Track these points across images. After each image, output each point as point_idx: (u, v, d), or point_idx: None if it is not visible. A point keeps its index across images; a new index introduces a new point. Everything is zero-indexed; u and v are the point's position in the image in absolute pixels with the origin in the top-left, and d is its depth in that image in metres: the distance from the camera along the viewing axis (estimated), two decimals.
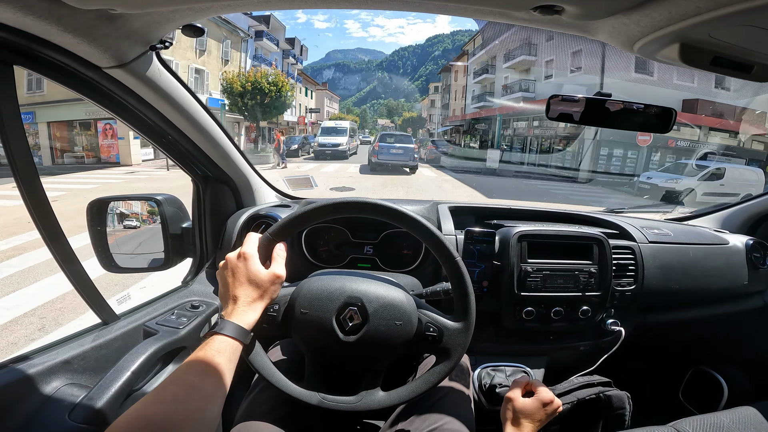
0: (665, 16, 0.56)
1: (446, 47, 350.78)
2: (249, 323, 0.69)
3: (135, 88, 0.89)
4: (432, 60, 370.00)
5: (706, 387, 1.63)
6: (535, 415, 0.83)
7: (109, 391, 0.84)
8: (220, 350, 0.63)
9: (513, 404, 0.84)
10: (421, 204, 1.43)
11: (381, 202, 0.80)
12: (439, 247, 0.79)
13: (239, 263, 0.73)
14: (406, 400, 0.80)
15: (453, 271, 0.79)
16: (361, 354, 0.78)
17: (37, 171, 0.80)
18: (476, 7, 0.65)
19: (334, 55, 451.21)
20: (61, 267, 0.89)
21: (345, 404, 0.78)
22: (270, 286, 0.73)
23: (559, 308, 1.21)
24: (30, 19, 0.60)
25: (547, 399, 0.84)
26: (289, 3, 0.65)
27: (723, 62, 0.65)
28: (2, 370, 0.79)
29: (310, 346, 0.80)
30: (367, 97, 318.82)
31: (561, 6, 0.60)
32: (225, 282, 0.73)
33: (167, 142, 1.11)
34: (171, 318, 1.12)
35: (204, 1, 0.65)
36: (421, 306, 0.83)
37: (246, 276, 0.72)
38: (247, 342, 0.69)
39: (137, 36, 0.76)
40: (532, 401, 0.84)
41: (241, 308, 0.70)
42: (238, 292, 0.71)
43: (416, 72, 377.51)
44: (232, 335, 0.65)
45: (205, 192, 1.32)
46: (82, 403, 0.81)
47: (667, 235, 1.43)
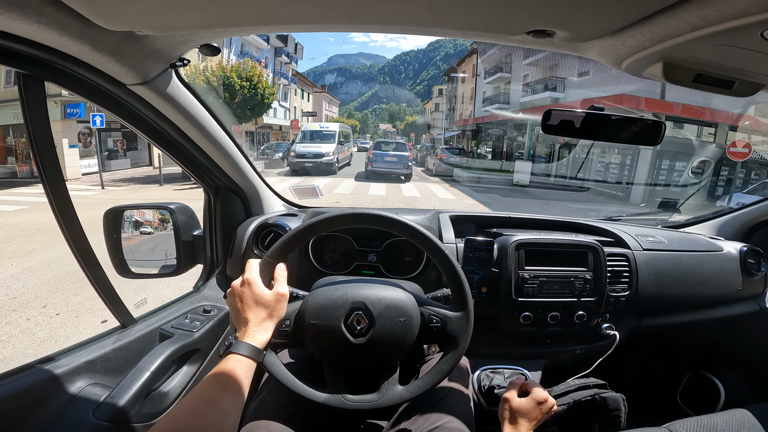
0: (648, 38, 0.61)
1: (448, 52, 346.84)
2: (261, 342, 0.75)
3: (155, 103, 0.95)
4: (433, 65, 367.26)
5: (703, 390, 1.66)
6: (530, 414, 0.87)
7: (130, 390, 0.89)
8: (235, 368, 0.69)
9: (509, 404, 0.88)
10: (423, 213, 1.48)
11: (380, 212, 0.85)
12: (428, 244, 0.85)
13: (244, 289, 0.78)
14: (424, 390, 0.84)
15: (444, 264, 0.85)
16: (374, 353, 0.83)
17: (64, 180, 0.85)
18: (473, 32, 0.71)
19: (336, 60, 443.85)
20: (84, 271, 0.94)
21: (368, 402, 0.82)
22: (276, 305, 0.79)
23: (556, 313, 1.25)
24: (65, 39, 0.66)
25: (542, 398, 0.88)
26: (303, 26, 0.70)
27: (705, 80, 0.70)
28: (30, 371, 0.84)
29: (325, 353, 0.84)
30: (369, 101, 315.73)
31: (553, 30, 0.65)
32: (234, 307, 0.79)
33: (182, 153, 1.16)
34: (185, 322, 1.16)
35: (222, 25, 0.71)
36: (422, 302, 0.88)
37: (252, 299, 0.77)
38: (261, 359, 0.75)
39: (159, 55, 0.82)
40: (528, 401, 0.88)
41: (252, 329, 0.75)
42: (248, 315, 0.76)
43: (418, 77, 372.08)
44: (246, 354, 0.71)
45: (216, 201, 1.37)
46: (105, 402, 0.86)
47: (661, 243, 1.47)
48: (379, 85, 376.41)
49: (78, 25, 0.63)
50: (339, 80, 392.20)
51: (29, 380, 0.82)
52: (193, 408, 0.62)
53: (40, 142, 0.80)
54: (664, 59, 0.66)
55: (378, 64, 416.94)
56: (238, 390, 0.67)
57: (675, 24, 0.55)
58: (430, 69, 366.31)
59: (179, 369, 1.07)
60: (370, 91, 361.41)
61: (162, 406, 0.98)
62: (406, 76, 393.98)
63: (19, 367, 0.84)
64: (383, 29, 0.70)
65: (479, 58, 32.07)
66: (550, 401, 0.89)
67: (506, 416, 0.88)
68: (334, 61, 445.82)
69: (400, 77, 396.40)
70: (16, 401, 0.79)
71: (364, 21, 0.68)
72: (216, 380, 0.67)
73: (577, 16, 0.60)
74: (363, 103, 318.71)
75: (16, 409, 0.78)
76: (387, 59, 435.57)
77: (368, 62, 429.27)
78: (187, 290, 1.39)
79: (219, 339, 1.21)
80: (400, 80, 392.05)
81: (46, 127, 0.81)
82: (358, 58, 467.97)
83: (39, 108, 0.79)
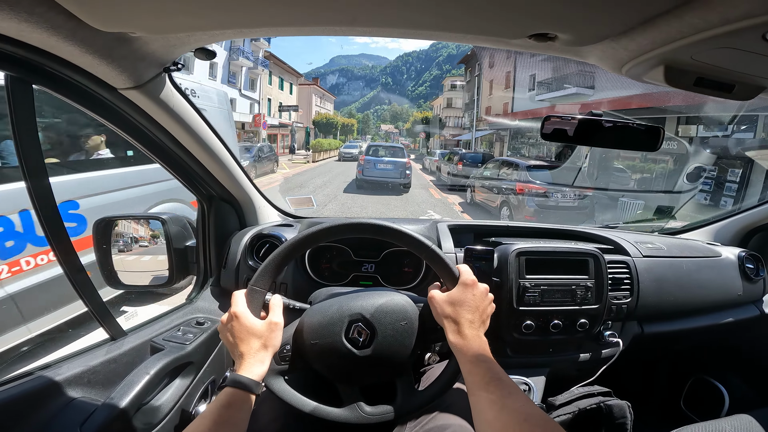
0: (649, 41, 0.60)
1: (450, 53, 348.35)
2: (258, 374, 0.73)
3: (147, 108, 0.92)
4: (436, 65, 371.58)
5: (707, 395, 1.65)
6: (466, 300, 0.77)
7: (119, 404, 0.85)
8: (231, 403, 0.67)
9: (436, 300, 0.79)
10: (421, 223, 1.46)
11: (353, 220, 0.84)
12: (413, 241, 0.83)
13: (234, 323, 0.76)
14: (440, 393, 0.82)
15: (430, 256, 0.82)
16: (382, 362, 0.81)
17: (50, 186, 0.83)
18: (473, 35, 0.70)
19: (338, 61, 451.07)
20: (71, 283, 0.91)
21: (389, 414, 0.80)
22: (269, 335, 0.77)
23: (558, 321, 1.23)
24: (55, 40, 0.64)
25: (470, 281, 0.79)
26: (302, 29, 0.69)
27: (706, 83, 0.70)
28: (15, 383, 0.81)
29: (332, 371, 0.82)
30: (371, 102, 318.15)
31: (555, 34, 0.64)
32: (228, 341, 0.77)
33: (174, 162, 1.14)
34: (177, 334, 1.13)
35: (218, 28, 0.70)
36: (418, 300, 0.86)
37: (243, 332, 0.75)
38: (258, 392, 0.72)
39: (152, 58, 0.80)
40: (456, 288, 0.79)
41: (248, 361, 0.73)
42: (242, 348, 0.74)
43: (420, 77, 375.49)
44: (242, 387, 0.69)
45: (210, 211, 1.35)
46: (94, 416, 0.83)
47: (660, 249, 1.47)
48: (380, 86, 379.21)
49: (69, 25, 0.61)
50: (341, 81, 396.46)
51: (14, 392, 0.79)
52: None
53: (27, 147, 0.78)
54: (666, 63, 0.66)
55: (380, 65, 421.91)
56: (236, 425, 0.66)
57: (677, 26, 0.54)
58: (433, 70, 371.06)
59: (171, 382, 1.03)
60: (372, 92, 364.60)
61: (154, 420, 0.94)
62: (408, 77, 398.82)
63: (4, 379, 0.81)
64: (382, 32, 0.69)
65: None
66: (481, 286, 0.80)
67: (443, 316, 0.77)
68: (336, 62, 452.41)
69: (402, 78, 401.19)
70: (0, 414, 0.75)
71: (363, 24, 0.66)
72: (212, 416, 0.65)
73: (580, 20, 0.60)
74: (365, 104, 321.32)
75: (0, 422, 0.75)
76: (389, 60, 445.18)
77: (370, 63, 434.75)
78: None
79: (213, 352, 1.18)
80: (402, 81, 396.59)
81: (34, 131, 0.78)
82: (360, 59, 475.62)
83: (27, 112, 0.76)
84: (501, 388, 0.64)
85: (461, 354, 0.72)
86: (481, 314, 0.78)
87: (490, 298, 0.82)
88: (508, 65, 26.75)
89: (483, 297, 0.80)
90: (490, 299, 0.82)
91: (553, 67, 20.06)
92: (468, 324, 0.75)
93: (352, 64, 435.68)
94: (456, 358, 0.74)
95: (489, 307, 0.81)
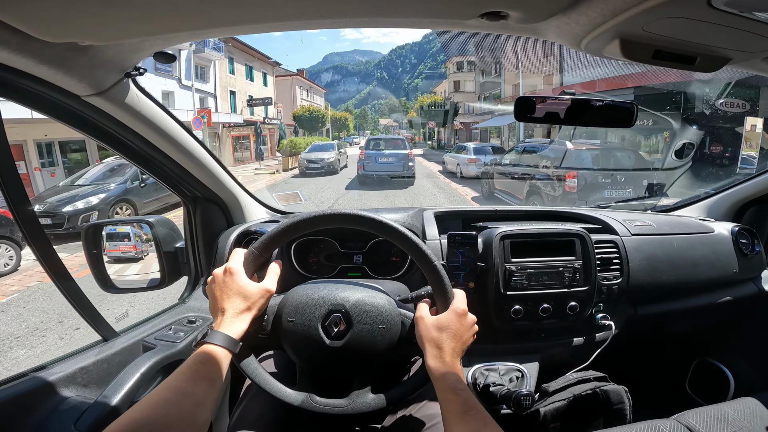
0: (599, 13, 0.59)
1: (445, 41, 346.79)
2: (237, 333, 0.72)
3: (115, 114, 0.93)
4: (430, 56, 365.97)
5: (712, 378, 1.62)
6: (452, 328, 0.76)
7: (112, 401, 0.88)
8: (209, 359, 0.67)
9: (424, 322, 0.78)
10: (405, 211, 1.46)
11: (357, 212, 0.83)
12: (417, 251, 0.82)
13: (226, 278, 0.76)
14: (397, 399, 0.82)
15: (423, 263, 0.82)
16: (348, 358, 0.81)
17: (27, 195, 0.85)
18: (426, 19, 0.70)
19: (331, 58, 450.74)
20: (57, 287, 0.93)
21: (336, 407, 0.80)
22: (258, 299, 0.77)
23: (547, 305, 1.22)
24: (7, 53, 0.64)
25: (461, 310, 0.79)
26: (251, 27, 0.69)
27: (664, 55, 0.68)
28: (10, 384, 0.84)
29: (298, 353, 0.82)
30: (368, 98, 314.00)
31: (506, 12, 0.63)
32: (213, 296, 0.77)
33: (153, 165, 1.15)
34: (168, 333, 1.15)
35: (171, 31, 0.70)
36: (404, 308, 0.86)
37: (233, 289, 0.75)
38: (236, 351, 0.72)
39: (111, 65, 0.80)
40: (447, 313, 0.78)
41: (229, 319, 0.73)
42: (226, 305, 0.74)
43: (416, 69, 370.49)
44: (220, 344, 0.69)
45: (195, 212, 1.36)
46: (88, 412, 0.86)
47: (650, 227, 1.44)
48: (376, 81, 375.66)
49: (17, 39, 0.62)
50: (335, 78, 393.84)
51: (9, 393, 0.82)
52: (163, 397, 0.60)
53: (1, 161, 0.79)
54: (620, 36, 0.65)
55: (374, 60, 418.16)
56: (212, 380, 0.65)
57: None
58: (427, 61, 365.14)
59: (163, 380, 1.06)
60: (368, 87, 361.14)
61: None
62: (403, 69, 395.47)
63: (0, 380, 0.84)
64: (331, 24, 0.69)
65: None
66: (470, 317, 0.80)
67: (426, 338, 0.76)
68: (330, 59, 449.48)
69: (398, 71, 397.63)
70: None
71: (311, 16, 0.66)
72: (188, 370, 0.64)
73: None
74: (362, 99, 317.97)
75: None
76: (382, 54, 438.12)
77: (363, 59, 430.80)
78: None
79: None
80: (398, 74, 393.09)
81: (4, 144, 0.80)
82: (353, 55, 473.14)
83: None
84: (477, 419, 0.65)
85: (439, 380, 0.72)
86: (463, 344, 0.78)
87: (474, 330, 0.82)
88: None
89: (469, 328, 0.80)
90: (474, 331, 0.82)
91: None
92: (450, 351, 0.75)
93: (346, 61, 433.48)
94: (432, 383, 0.74)
95: (471, 339, 0.81)
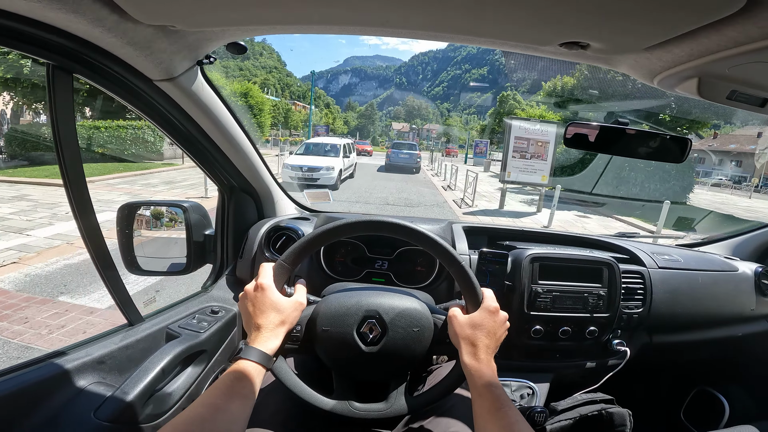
0: (686, 53, 0.60)
1: (470, 52, 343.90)
2: (272, 349, 0.73)
3: (179, 100, 0.95)
4: (455, 65, 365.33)
5: (708, 407, 1.64)
6: (485, 327, 0.78)
7: (134, 390, 0.87)
8: (244, 375, 0.67)
9: (457, 320, 0.79)
10: (437, 223, 1.47)
11: (391, 219, 0.84)
12: (445, 255, 0.83)
13: (258, 294, 0.77)
14: (432, 402, 0.82)
15: (459, 275, 0.83)
16: (385, 362, 0.81)
17: (85, 178, 0.85)
18: (504, 41, 0.70)
19: (352, 61, 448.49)
20: (97, 269, 0.93)
21: (375, 412, 0.80)
22: (291, 312, 0.78)
23: (567, 328, 1.24)
24: (99, 31, 0.66)
25: (493, 308, 0.80)
26: (335, 28, 0.70)
27: (739, 96, 0.69)
28: (34, 366, 0.83)
29: (335, 360, 0.83)
30: (384, 103, 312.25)
31: (587, 42, 0.64)
32: (246, 312, 0.77)
33: (200, 152, 1.16)
34: (192, 322, 1.15)
35: (253, 23, 0.71)
36: (435, 311, 0.87)
37: (266, 304, 0.76)
38: (270, 366, 0.73)
39: (187, 51, 0.82)
40: (479, 313, 0.79)
41: (264, 335, 0.74)
42: (260, 321, 0.75)
43: (437, 77, 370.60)
44: (255, 360, 0.70)
45: (230, 201, 1.37)
46: (108, 401, 0.85)
47: (677, 261, 1.46)
48: (394, 87, 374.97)
49: (114, 17, 0.63)
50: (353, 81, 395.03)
51: (33, 377, 0.81)
52: (200, 414, 0.60)
53: (65, 137, 0.80)
54: (700, 75, 0.65)
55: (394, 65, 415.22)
56: (246, 397, 0.66)
57: (716, 39, 0.54)
58: (451, 70, 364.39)
59: (184, 370, 1.05)
60: (386, 92, 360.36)
61: (165, 407, 0.96)
62: (423, 77, 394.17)
63: (25, 362, 0.83)
64: (416, 35, 0.70)
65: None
66: (502, 314, 0.82)
67: (460, 336, 0.78)
68: (350, 62, 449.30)
69: (418, 78, 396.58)
70: (19, 398, 0.77)
71: (397, 25, 0.67)
72: (224, 387, 0.65)
73: (615, 30, 0.59)
74: (378, 104, 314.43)
75: (18, 405, 0.77)
76: (402, 61, 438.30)
77: (384, 64, 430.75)
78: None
79: (225, 341, 1.20)
80: (418, 81, 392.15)
81: (72, 121, 0.80)
82: (374, 60, 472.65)
83: (66, 101, 0.78)
84: (509, 416, 0.66)
85: (475, 377, 0.73)
86: (497, 340, 0.80)
87: (507, 326, 0.83)
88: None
89: (501, 324, 0.81)
90: (506, 327, 0.83)
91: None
92: (484, 348, 0.76)
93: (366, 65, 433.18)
94: (467, 379, 0.76)
95: (504, 334, 0.82)
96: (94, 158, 14.13)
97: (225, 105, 1.05)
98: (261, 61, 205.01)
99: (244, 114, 42.12)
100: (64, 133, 0.79)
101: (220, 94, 1.01)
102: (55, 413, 0.81)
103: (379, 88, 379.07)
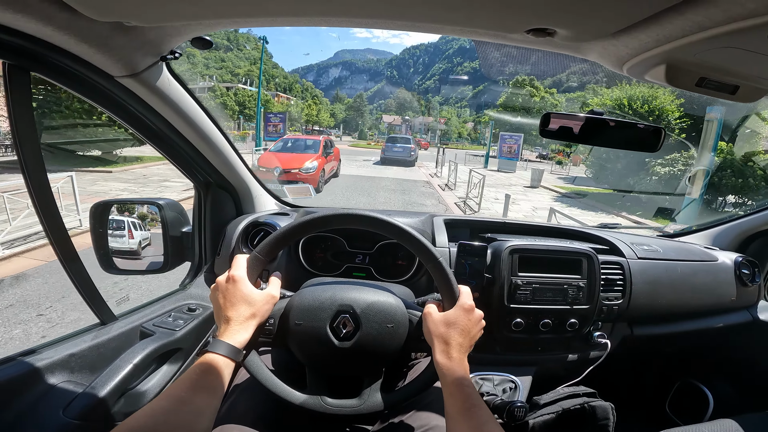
0: (653, 38, 0.59)
1: (462, 45, 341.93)
2: (241, 342, 0.71)
3: (144, 96, 0.92)
4: (446, 58, 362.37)
5: (692, 399, 1.65)
6: (459, 324, 0.76)
7: (104, 388, 0.86)
8: (211, 369, 0.66)
9: (432, 318, 0.78)
10: (417, 216, 1.45)
11: (367, 213, 0.83)
12: (420, 248, 0.81)
13: (229, 286, 0.75)
14: (406, 399, 0.82)
15: (434, 268, 0.81)
16: (358, 358, 0.80)
17: (46, 174, 0.83)
18: (471, 29, 0.69)
19: (342, 55, 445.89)
20: (63, 265, 0.91)
21: (348, 408, 0.79)
22: (263, 306, 0.76)
23: (548, 320, 1.23)
24: (51, 30, 0.64)
25: (468, 306, 0.79)
26: (298, 20, 0.68)
27: (708, 83, 0.68)
28: (4, 365, 0.81)
29: (307, 355, 0.82)
30: (375, 96, 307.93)
31: (553, 29, 0.63)
32: (217, 304, 0.76)
33: (172, 149, 1.13)
34: (168, 320, 1.13)
35: (216, 17, 0.69)
36: (411, 307, 0.85)
37: (237, 297, 0.74)
38: (240, 360, 0.71)
39: (149, 47, 0.79)
40: (454, 309, 0.78)
41: (233, 328, 0.72)
42: (230, 313, 0.73)
43: (428, 71, 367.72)
44: (223, 353, 0.68)
45: (206, 198, 1.34)
46: (77, 399, 0.83)
47: (656, 252, 1.46)
48: (385, 80, 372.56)
49: (64, 15, 0.61)
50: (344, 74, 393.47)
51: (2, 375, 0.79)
52: (163, 407, 0.59)
53: (23, 134, 0.78)
54: (668, 61, 0.64)
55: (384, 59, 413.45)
56: (213, 390, 0.64)
57: (681, 24, 0.53)
58: (442, 62, 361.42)
59: (159, 368, 1.04)
60: (377, 85, 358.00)
61: (138, 405, 0.94)
62: (415, 70, 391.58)
63: None
64: (380, 24, 0.68)
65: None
66: (477, 312, 0.80)
67: (434, 333, 0.76)
68: (340, 56, 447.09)
69: (409, 72, 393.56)
70: None
71: (362, 16, 0.65)
72: (189, 379, 0.64)
73: (580, 15, 0.58)
74: (368, 98, 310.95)
75: None
76: (393, 54, 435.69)
77: (374, 57, 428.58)
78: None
79: (203, 338, 1.18)
80: (409, 75, 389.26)
81: (30, 118, 0.78)
82: (365, 53, 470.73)
83: (24, 99, 0.76)
84: (479, 416, 0.66)
85: (446, 375, 0.72)
86: (471, 339, 0.78)
87: (482, 325, 0.82)
88: None
89: (476, 323, 0.80)
90: (482, 326, 0.82)
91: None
92: (457, 347, 0.75)
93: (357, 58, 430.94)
94: (439, 377, 0.75)
95: (479, 333, 0.81)
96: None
97: (195, 100, 1.02)
98: (245, 52, 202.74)
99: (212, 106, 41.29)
100: (23, 128, 0.77)
101: (188, 89, 0.99)
102: (23, 411, 0.80)
103: (369, 81, 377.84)
